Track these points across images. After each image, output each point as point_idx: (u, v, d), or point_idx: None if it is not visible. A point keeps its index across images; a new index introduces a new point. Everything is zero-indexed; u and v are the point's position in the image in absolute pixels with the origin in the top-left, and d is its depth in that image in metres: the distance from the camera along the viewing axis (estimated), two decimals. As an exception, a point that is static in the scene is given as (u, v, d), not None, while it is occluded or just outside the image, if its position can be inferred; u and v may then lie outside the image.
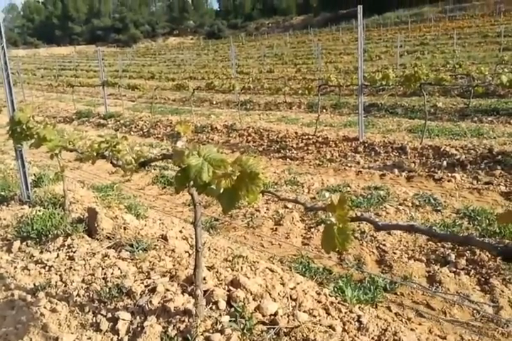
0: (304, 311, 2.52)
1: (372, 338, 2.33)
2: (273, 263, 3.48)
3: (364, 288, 3.06)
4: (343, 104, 12.10)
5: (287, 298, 2.67)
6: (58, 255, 3.30)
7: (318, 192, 5.24)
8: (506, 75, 7.55)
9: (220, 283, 2.77)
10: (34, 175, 5.42)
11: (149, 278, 2.87)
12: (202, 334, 2.29)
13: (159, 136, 10.25)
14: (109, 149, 2.86)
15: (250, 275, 2.88)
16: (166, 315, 2.47)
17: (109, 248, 3.37)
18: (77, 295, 2.76)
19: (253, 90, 14.37)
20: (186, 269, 2.96)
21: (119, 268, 3.01)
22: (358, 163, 6.80)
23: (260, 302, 2.55)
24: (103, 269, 3.02)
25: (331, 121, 9.68)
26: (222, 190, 1.77)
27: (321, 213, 4.28)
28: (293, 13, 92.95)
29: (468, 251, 3.54)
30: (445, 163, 6.19)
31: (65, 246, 3.40)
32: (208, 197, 3.33)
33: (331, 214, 1.67)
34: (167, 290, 2.68)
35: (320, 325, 2.37)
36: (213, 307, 2.52)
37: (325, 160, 7.07)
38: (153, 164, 6.57)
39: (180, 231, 3.85)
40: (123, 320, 2.48)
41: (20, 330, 2.52)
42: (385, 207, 4.63)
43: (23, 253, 3.43)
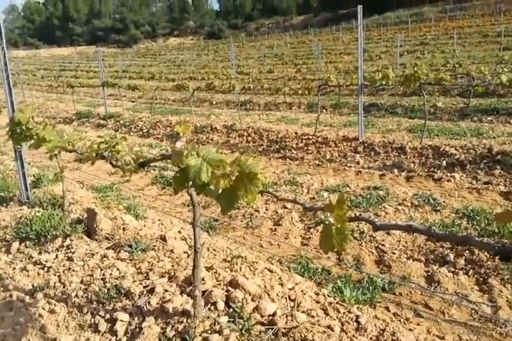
0: (303, 311, 2.52)
1: (370, 338, 2.33)
2: (272, 263, 3.47)
3: (363, 288, 3.05)
4: (343, 104, 12.09)
5: (286, 298, 2.67)
6: (57, 256, 3.30)
7: (317, 193, 5.23)
8: (506, 75, 7.56)
9: (218, 284, 2.77)
10: (33, 175, 5.42)
11: (148, 278, 2.87)
12: (200, 335, 2.29)
13: (159, 136, 10.25)
14: (109, 150, 2.86)
15: (249, 276, 2.87)
16: (165, 316, 2.46)
17: (108, 248, 3.37)
18: (76, 296, 2.76)
19: (253, 90, 14.38)
20: (185, 270, 2.96)
21: (118, 269, 3.01)
22: (358, 163, 6.80)
23: (259, 302, 2.55)
24: (102, 270, 3.02)
25: (331, 121, 9.68)
26: (220, 191, 1.77)
27: (320, 213, 4.27)
28: (293, 13, 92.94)
29: (467, 251, 3.54)
30: (444, 162, 6.19)
31: (64, 247, 3.40)
32: (207, 198, 3.33)
33: (329, 215, 1.67)
34: (166, 290, 2.68)
35: (318, 326, 2.37)
36: (212, 307, 2.52)
37: (324, 161, 7.07)
38: (152, 165, 6.57)
39: (179, 232, 3.85)
40: (121, 320, 2.48)
41: (19, 331, 2.52)
42: (384, 207, 4.62)
43: (22, 254, 3.43)
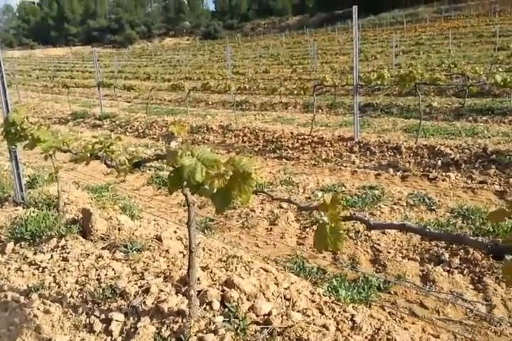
0: (298, 311, 2.52)
1: (365, 337, 2.34)
2: (267, 263, 3.48)
3: (358, 288, 3.06)
4: (338, 104, 12.12)
5: (281, 297, 2.67)
6: (52, 256, 3.29)
7: (313, 192, 5.24)
8: (501, 75, 7.59)
9: (214, 284, 2.77)
10: (28, 176, 5.40)
11: (143, 278, 2.87)
12: (195, 335, 2.29)
13: (155, 136, 10.24)
14: (103, 150, 2.85)
15: (244, 276, 2.87)
16: (160, 316, 2.46)
17: (103, 249, 3.36)
18: (71, 296, 2.76)
19: (249, 90, 14.39)
20: (180, 270, 2.96)
21: (113, 269, 3.00)
22: (354, 162, 6.81)
23: (254, 302, 2.55)
24: (97, 270, 3.01)
25: (327, 121, 9.70)
26: (215, 190, 1.77)
27: (315, 213, 4.28)
28: (289, 13, 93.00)
29: (461, 250, 3.56)
30: (440, 162, 6.21)
31: (59, 248, 3.38)
32: (203, 198, 3.33)
33: (323, 214, 1.67)
34: (161, 290, 2.68)
35: (313, 325, 2.37)
36: (207, 307, 2.52)
37: (320, 160, 7.08)
38: (148, 165, 6.57)
39: (174, 232, 3.84)
40: (116, 321, 2.47)
41: (13, 332, 2.51)
42: (379, 206, 4.63)
43: (17, 254, 3.41)
